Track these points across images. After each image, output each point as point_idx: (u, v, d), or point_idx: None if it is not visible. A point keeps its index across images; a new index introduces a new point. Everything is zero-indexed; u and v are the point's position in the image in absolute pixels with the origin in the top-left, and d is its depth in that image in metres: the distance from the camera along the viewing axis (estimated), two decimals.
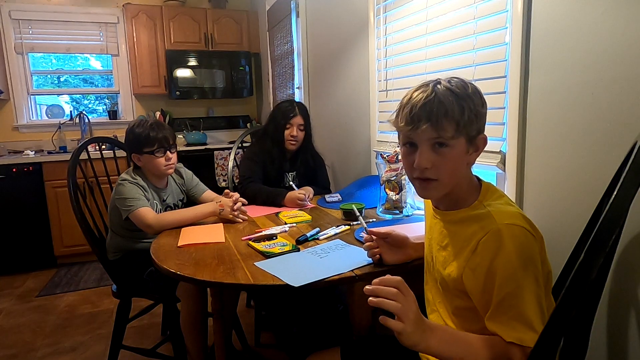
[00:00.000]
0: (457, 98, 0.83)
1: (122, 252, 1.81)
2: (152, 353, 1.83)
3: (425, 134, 0.83)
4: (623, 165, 0.88)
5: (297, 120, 2.12)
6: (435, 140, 0.84)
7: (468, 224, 0.86)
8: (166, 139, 1.76)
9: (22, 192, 3.24)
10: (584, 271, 0.61)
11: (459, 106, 0.82)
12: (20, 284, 3.08)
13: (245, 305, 2.54)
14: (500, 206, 0.84)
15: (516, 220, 0.79)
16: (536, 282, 0.77)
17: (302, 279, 1.09)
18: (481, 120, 0.87)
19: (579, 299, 0.62)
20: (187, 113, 4.22)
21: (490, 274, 0.79)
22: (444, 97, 0.82)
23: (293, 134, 2.11)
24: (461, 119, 0.82)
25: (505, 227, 0.78)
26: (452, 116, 0.82)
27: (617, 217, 0.62)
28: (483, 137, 0.88)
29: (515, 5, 1.25)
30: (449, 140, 0.83)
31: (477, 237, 0.82)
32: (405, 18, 1.82)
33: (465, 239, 0.86)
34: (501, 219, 0.80)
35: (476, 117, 0.84)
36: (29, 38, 3.70)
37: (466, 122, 0.83)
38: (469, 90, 0.85)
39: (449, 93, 0.83)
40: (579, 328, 0.83)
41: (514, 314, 0.76)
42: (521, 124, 1.27)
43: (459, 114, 0.82)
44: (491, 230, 0.80)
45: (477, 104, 0.85)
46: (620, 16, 0.98)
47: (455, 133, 0.83)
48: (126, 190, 1.68)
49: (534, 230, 0.81)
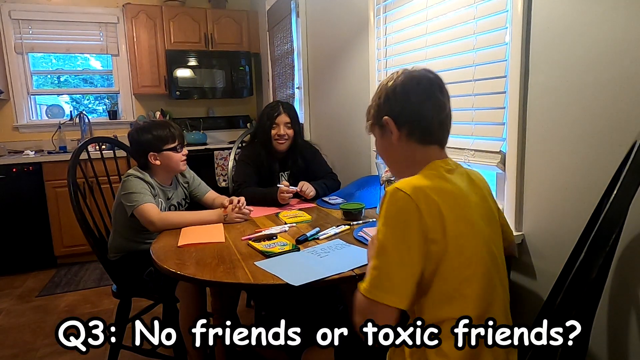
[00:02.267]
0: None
1: (124, 253, 1.81)
2: (152, 353, 1.83)
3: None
4: (623, 164, 0.88)
5: (283, 119, 2.11)
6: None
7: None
8: (182, 135, 1.87)
9: (22, 192, 3.23)
10: (584, 271, 0.61)
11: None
12: (20, 284, 3.08)
13: (245, 305, 2.54)
14: (412, 177, 0.90)
15: (404, 186, 0.84)
16: (398, 242, 0.82)
17: (302, 278, 1.09)
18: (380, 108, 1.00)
19: (579, 299, 0.62)
20: (187, 113, 4.22)
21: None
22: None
23: (280, 133, 2.10)
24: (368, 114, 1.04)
25: (392, 189, 0.85)
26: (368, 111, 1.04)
27: (617, 216, 0.62)
28: (386, 119, 0.97)
29: (515, 5, 1.25)
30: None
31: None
32: (405, 18, 1.82)
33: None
34: (397, 184, 0.86)
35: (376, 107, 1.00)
36: (29, 38, 3.70)
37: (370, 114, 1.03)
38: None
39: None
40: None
41: (370, 265, 0.86)
42: (521, 124, 1.27)
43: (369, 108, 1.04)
44: (385, 191, 0.87)
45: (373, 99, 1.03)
46: (620, 16, 0.98)
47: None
48: (132, 185, 1.69)
49: (422, 199, 0.83)
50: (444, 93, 0.98)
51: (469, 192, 0.92)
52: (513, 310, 1.34)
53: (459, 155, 1.53)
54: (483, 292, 0.87)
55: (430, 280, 0.85)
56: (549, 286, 1.11)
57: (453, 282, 0.85)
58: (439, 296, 0.86)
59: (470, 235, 0.87)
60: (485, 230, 0.91)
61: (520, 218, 1.32)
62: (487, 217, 0.95)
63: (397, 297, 0.81)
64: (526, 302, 1.30)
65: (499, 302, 0.91)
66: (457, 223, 0.85)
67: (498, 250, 0.95)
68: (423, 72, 0.98)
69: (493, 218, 0.97)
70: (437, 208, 0.83)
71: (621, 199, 0.61)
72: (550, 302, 1.01)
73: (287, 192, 1.91)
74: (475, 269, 0.86)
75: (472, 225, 0.88)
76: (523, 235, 1.31)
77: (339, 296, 2.25)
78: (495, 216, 0.99)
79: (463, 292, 0.85)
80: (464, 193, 0.90)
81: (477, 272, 0.86)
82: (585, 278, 0.60)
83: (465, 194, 0.90)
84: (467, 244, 0.86)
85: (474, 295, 0.86)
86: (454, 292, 0.85)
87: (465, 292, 0.85)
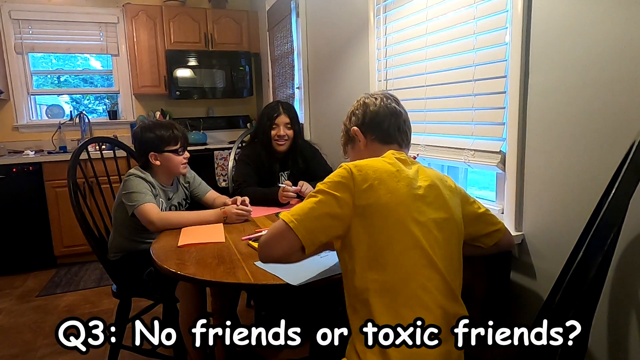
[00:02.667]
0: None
1: (124, 252, 1.82)
2: (152, 353, 1.83)
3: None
4: (622, 164, 0.88)
5: (283, 120, 2.11)
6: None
7: None
8: (186, 137, 1.85)
9: (22, 192, 3.23)
10: (583, 270, 0.61)
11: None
12: (20, 284, 3.08)
13: (245, 305, 2.54)
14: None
15: (349, 163, 1.01)
16: (323, 193, 0.97)
17: (302, 278, 1.09)
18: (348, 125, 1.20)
19: (578, 298, 0.62)
20: (187, 113, 4.22)
21: None
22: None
23: (280, 133, 2.10)
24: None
25: (340, 165, 1.02)
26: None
27: (616, 216, 0.62)
28: (353, 129, 1.17)
29: (515, 5, 1.25)
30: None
31: None
32: (405, 18, 1.82)
33: None
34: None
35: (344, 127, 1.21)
36: (29, 38, 3.70)
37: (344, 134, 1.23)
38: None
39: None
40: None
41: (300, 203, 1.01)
42: (521, 124, 1.27)
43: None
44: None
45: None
46: (620, 16, 0.98)
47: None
48: (134, 184, 1.69)
49: (356, 170, 0.98)
50: (399, 104, 1.17)
51: (411, 176, 1.01)
52: (513, 310, 1.34)
53: (459, 155, 1.53)
54: (403, 266, 0.93)
55: (357, 241, 0.95)
56: (549, 286, 1.11)
57: (374, 247, 0.94)
58: (363, 260, 0.94)
59: (396, 206, 0.95)
60: (418, 206, 0.97)
61: (520, 218, 1.32)
62: (432, 201, 1.00)
63: (305, 231, 0.94)
64: (526, 302, 1.30)
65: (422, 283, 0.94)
66: (386, 194, 0.95)
67: (441, 233, 0.98)
68: (380, 92, 1.19)
69: (442, 205, 1.01)
70: (370, 178, 0.96)
71: (620, 199, 0.61)
72: (550, 302, 1.01)
73: (287, 192, 1.91)
74: (398, 240, 0.94)
75: (404, 198, 0.96)
76: (523, 235, 1.31)
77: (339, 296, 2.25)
78: (449, 206, 1.02)
79: (383, 259, 0.93)
80: (405, 174, 1.00)
81: (399, 243, 0.94)
82: (584, 278, 0.60)
83: (403, 175, 1.00)
84: (389, 215, 0.94)
85: (392, 262, 0.93)
86: (376, 256, 0.93)
87: (385, 258, 0.93)
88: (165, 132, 1.78)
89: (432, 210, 0.98)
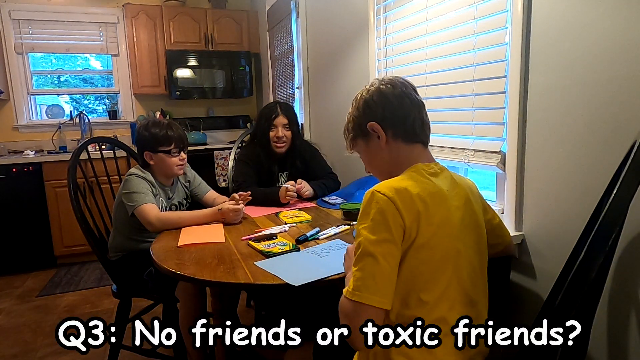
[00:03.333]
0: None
1: (124, 252, 1.81)
2: (152, 353, 1.83)
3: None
4: (622, 164, 0.88)
5: (281, 120, 2.10)
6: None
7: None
8: (182, 139, 1.80)
9: (22, 192, 3.23)
10: (584, 271, 0.61)
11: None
12: (20, 284, 3.08)
13: (245, 305, 2.54)
14: (392, 179, 0.92)
15: (382, 188, 0.86)
16: (379, 243, 0.82)
17: (302, 278, 1.09)
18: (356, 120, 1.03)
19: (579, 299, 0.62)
20: (187, 113, 4.22)
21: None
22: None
23: (278, 135, 2.09)
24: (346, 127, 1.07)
25: (372, 191, 0.86)
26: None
27: (617, 216, 0.62)
28: (371, 125, 0.99)
29: (515, 5, 1.25)
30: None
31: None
32: (405, 18, 1.82)
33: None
34: (376, 186, 0.87)
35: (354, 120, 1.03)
36: (29, 38, 3.69)
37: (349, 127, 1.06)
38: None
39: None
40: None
41: (353, 269, 0.86)
42: (521, 124, 1.27)
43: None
44: (365, 194, 0.89)
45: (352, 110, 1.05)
46: (620, 16, 0.98)
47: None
48: (134, 184, 1.69)
49: (400, 200, 0.84)
50: (418, 93, 1.01)
51: (450, 195, 0.92)
52: (513, 310, 1.34)
53: (459, 155, 1.53)
54: (451, 294, 0.88)
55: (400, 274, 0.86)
56: (549, 286, 1.11)
57: (419, 280, 0.86)
58: (403, 292, 0.86)
59: (445, 235, 0.87)
60: (462, 233, 0.91)
61: (520, 218, 1.32)
62: (470, 222, 0.94)
63: (382, 297, 0.82)
64: (526, 302, 1.30)
65: (473, 310, 0.92)
66: (433, 223, 0.85)
67: (479, 257, 0.94)
68: (393, 77, 1.01)
69: (477, 224, 0.97)
70: (416, 207, 0.84)
71: (621, 199, 0.61)
72: (550, 302, 1.01)
73: (290, 192, 1.91)
74: (444, 270, 0.87)
75: (449, 227, 0.88)
76: (523, 235, 1.31)
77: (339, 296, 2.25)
78: (480, 224, 0.98)
79: (419, 298, 0.86)
80: (444, 195, 0.90)
81: (446, 274, 0.87)
82: (585, 278, 0.60)
83: (445, 196, 0.90)
84: (439, 244, 0.86)
85: (438, 295, 0.86)
86: (413, 293, 0.86)
87: (424, 299, 0.86)
88: (160, 131, 1.75)
89: (468, 232, 0.92)
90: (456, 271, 0.89)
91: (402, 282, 0.85)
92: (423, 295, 0.86)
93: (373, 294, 0.81)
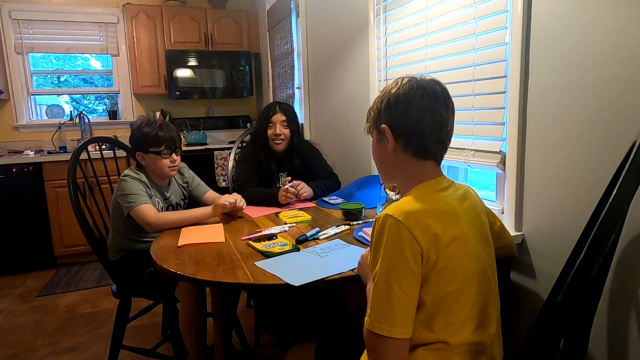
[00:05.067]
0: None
1: (124, 252, 1.81)
2: (152, 353, 1.83)
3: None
4: (622, 164, 0.88)
5: (279, 117, 2.11)
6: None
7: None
8: (173, 140, 1.77)
9: (22, 192, 3.23)
10: (584, 270, 0.61)
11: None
12: (20, 284, 3.08)
13: (245, 305, 2.54)
14: (402, 201, 0.89)
15: (395, 211, 0.82)
16: (394, 271, 0.80)
17: (302, 278, 1.09)
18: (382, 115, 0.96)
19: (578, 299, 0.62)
20: (187, 113, 4.22)
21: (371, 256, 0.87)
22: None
23: (276, 132, 2.10)
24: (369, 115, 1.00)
25: (383, 216, 0.84)
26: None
27: (617, 216, 0.62)
28: (384, 127, 0.94)
29: (515, 5, 1.25)
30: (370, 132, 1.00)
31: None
32: (405, 18, 1.82)
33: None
34: (387, 210, 0.85)
35: (377, 111, 0.96)
36: (29, 38, 3.70)
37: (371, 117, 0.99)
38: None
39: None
40: (579, 327, 0.83)
41: (371, 299, 0.84)
42: (521, 124, 1.27)
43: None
44: (376, 218, 0.86)
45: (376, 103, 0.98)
46: (620, 16, 0.98)
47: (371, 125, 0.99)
48: (128, 186, 1.68)
49: (414, 224, 0.81)
50: (449, 109, 0.92)
51: (461, 211, 0.90)
52: (513, 310, 1.34)
53: (459, 155, 1.53)
54: (474, 314, 0.87)
55: (423, 299, 0.84)
56: (549, 286, 1.11)
57: (444, 304, 0.84)
58: (427, 316, 0.84)
59: (463, 254, 0.86)
60: (477, 249, 0.90)
61: (520, 218, 1.32)
62: (481, 236, 0.94)
63: (402, 327, 0.80)
64: (526, 302, 1.30)
65: (492, 324, 0.91)
66: (451, 243, 0.83)
67: (492, 271, 0.94)
68: (430, 83, 0.92)
69: (487, 237, 0.97)
70: (431, 230, 0.82)
71: (621, 199, 0.61)
72: (550, 302, 1.01)
73: (288, 192, 1.91)
74: (468, 290, 0.86)
75: (466, 245, 0.87)
76: (523, 235, 1.31)
77: (339, 296, 2.25)
78: (489, 234, 0.98)
79: (442, 320, 0.84)
80: (456, 213, 0.88)
81: (468, 293, 0.86)
82: (585, 278, 0.60)
83: (457, 213, 0.89)
84: (460, 264, 0.85)
85: (464, 316, 0.85)
86: (446, 311, 0.84)
87: (448, 321, 0.84)
88: (151, 132, 1.73)
89: (482, 246, 0.91)
90: (479, 288, 0.87)
91: (426, 307, 0.83)
92: (449, 318, 0.84)
93: (392, 325, 0.79)
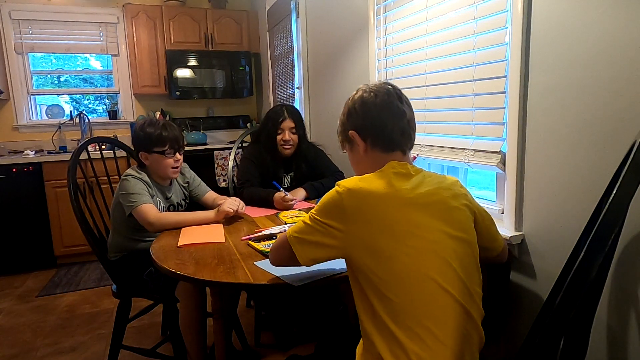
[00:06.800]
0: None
1: (124, 252, 1.81)
2: (152, 353, 1.83)
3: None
4: (622, 164, 0.88)
5: (288, 124, 2.11)
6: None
7: None
8: (177, 140, 1.78)
9: (22, 192, 3.23)
10: (584, 271, 0.61)
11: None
12: (20, 284, 3.08)
13: (245, 305, 2.54)
14: (355, 177, 0.98)
15: (342, 184, 0.94)
16: (317, 225, 0.94)
17: (302, 278, 1.09)
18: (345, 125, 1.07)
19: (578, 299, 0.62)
20: (187, 113, 4.22)
21: None
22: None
23: (285, 138, 2.10)
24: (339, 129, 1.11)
25: (335, 187, 0.97)
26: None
27: (617, 216, 0.62)
28: (351, 133, 1.04)
29: (515, 5, 1.25)
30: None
31: None
32: (405, 18, 1.82)
33: None
34: (338, 182, 0.97)
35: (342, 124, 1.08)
36: (29, 38, 3.69)
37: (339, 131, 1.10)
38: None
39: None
40: (579, 327, 0.83)
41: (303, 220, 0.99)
42: (521, 124, 1.27)
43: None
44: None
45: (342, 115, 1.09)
46: (620, 16, 0.98)
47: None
48: (130, 186, 1.68)
49: (351, 197, 0.91)
50: (403, 100, 1.03)
51: (414, 196, 0.92)
52: (513, 310, 1.34)
53: (459, 155, 1.53)
54: (414, 299, 0.87)
55: (358, 271, 0.90)
56: (549, 286, 1.11)
57: (377, 279, 0.88)
58: (369, 290, 0.89)
59: (407, 235, 0.89)
60: (434, 234, 0.91)
61: (520, 218, 1.32)
62: (444, 221, 0.93)
63: (305, 254, 0.95)
64: (526, 302, 1.30)
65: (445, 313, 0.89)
66: (381, 224, 0.89)
67: (458, 255, 0.92)
68: (379, 85, 1.04)
69: (454, 223, 0.94)
70: (362, 206, 0.90)
71: (621, 199, 0.61)
72: (550, 302, 1.01)
73: (285, 202, 1.89)
74: (406, 273, 0.88)
75: (416, 227, 0.90)
76: (523, 235, 1.31)
77: (338, 296, 2.25)
78: (461, 222, 0.96)
79: (390, 292, 0.87)
80: (401, 194, 0.92)
81: (408, 277, 0.88)
82: (585, 278, 0.60)
83: (401, 195, 0.92)
84: (410, 243, 0.88)
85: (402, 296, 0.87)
86: (382, 289, 0.88)
87: (392, 291, 0.87)
88: (154, 132, 1.73)
89: (435, 221, 0.92)
90: (424, 267, 0.88)
91: (365, 275, 0.89)
92: (388, 291, 0.88)
93: (300, 252, 0.96)
